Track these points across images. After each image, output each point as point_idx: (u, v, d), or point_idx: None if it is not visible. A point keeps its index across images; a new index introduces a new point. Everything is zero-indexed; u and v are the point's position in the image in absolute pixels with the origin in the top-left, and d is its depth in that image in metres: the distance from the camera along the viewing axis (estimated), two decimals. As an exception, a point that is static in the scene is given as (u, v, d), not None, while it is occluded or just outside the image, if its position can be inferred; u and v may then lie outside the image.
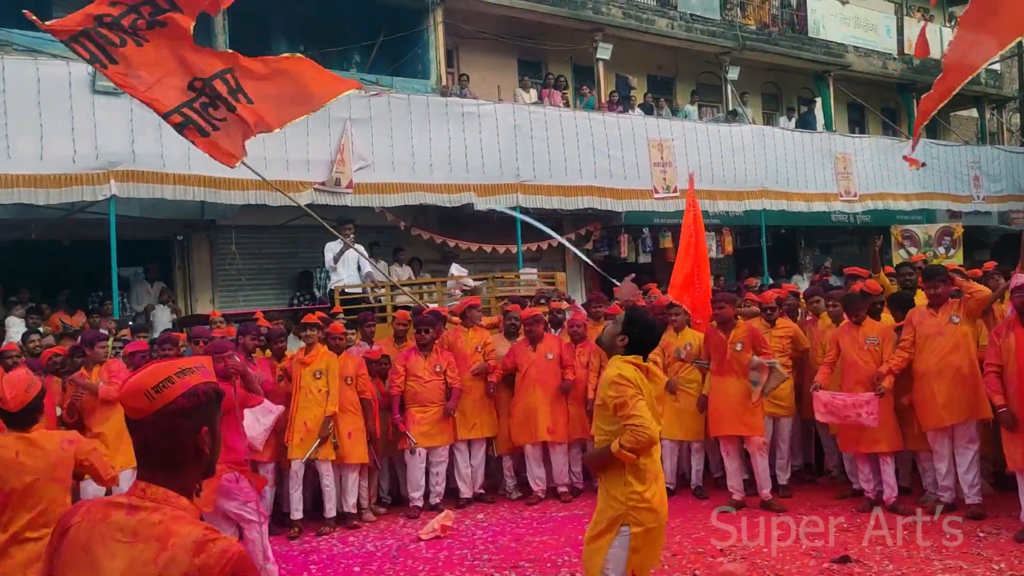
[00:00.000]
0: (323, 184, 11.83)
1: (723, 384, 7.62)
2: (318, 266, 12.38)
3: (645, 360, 4.20)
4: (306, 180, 11.71)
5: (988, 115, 25.16)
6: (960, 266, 10.72)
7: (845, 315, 7.59)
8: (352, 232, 11.12)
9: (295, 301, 12.82)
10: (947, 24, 23.24)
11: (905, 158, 10.70)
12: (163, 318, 11.46)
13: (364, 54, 14.53)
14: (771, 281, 14.28)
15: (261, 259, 13.41)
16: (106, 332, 9.35)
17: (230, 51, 7.78)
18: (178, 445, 2.05)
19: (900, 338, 7.18)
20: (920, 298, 7.60)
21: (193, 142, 7.40)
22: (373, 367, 8.35)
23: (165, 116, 7.16)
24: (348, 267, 11.14)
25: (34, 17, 6.60)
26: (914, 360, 7.04)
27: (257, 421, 7.36)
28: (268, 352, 8.30)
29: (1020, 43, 23.88)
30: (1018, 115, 24.84)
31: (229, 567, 1.90)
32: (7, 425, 4.12)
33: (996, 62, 23.73)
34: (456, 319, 8.92)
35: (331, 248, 11.27)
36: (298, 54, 8.32)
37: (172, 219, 12.20)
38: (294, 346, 8.53)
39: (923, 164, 11.47)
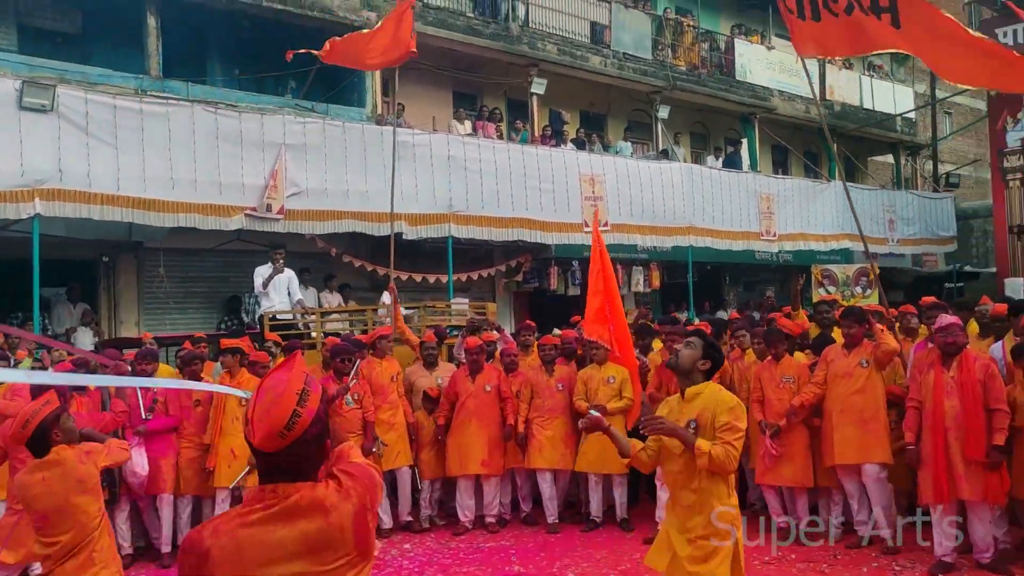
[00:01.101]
0: (254, 210, 11.74)
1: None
2: (248, 291, 12.23)
3: None
4: (237, 205, 11.62)
5: (903, 161, 26.16)
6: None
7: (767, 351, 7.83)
8: (283, 258, 11.03)
9: (223, 326, 12.64)
10: (866, 73, 24.11)
11: None
12: (85, 340, 11.17)
13: (300, 81, 14.49)
14: (696, 317, 14.54)
15: (190, 283, 13.19)
16: (24, 352, 9.12)
17: None
18: (308, 462, 2.25)
19: (813, 374, 7.43)
20: (839, 336, 7.87)
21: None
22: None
23: None
24: (279, 292, 10.95)
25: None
26: (824, 397, 7.28)
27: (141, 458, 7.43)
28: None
29: (932, 92, 25.00)
30: (931, 162, 25.87)
31: (353, 469, 2.32)
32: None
33: (912, 111, 24.76)
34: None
35: (260, 273, 11.03)
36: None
37: (98, 240, 11.94)
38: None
39: None
